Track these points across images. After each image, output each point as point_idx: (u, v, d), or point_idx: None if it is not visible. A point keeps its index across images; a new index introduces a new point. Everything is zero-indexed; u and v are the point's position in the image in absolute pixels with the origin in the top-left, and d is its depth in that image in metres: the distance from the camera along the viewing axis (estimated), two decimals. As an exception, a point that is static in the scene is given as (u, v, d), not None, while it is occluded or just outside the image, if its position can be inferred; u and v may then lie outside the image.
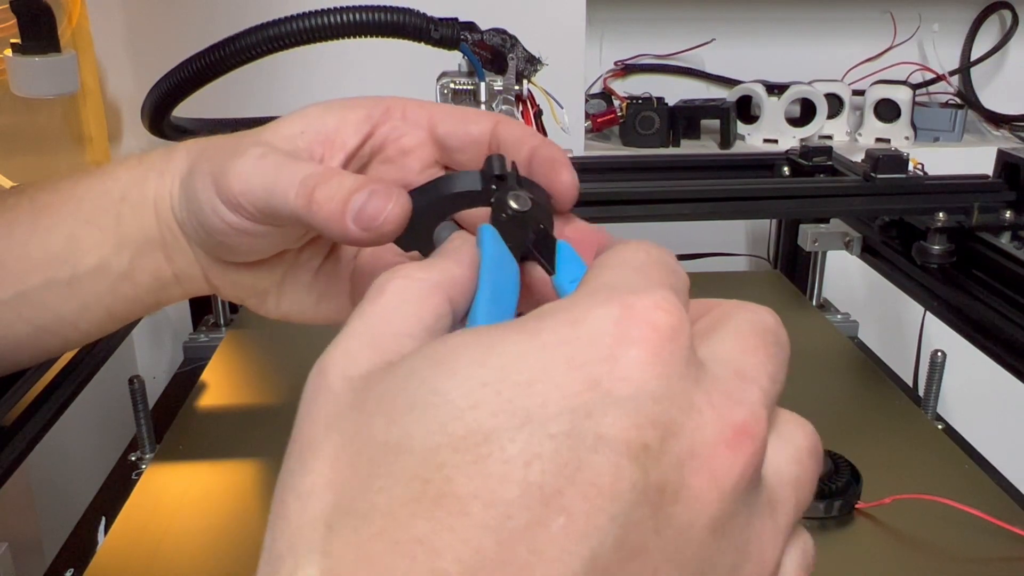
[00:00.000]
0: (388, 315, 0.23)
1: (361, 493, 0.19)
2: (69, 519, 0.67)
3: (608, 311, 0.20)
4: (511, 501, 0.18)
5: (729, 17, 1.36)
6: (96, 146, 1.00)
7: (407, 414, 0.19)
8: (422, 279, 0.24)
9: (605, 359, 0.19)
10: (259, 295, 0.39)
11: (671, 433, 0.19)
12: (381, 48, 0.68)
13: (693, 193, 0.83)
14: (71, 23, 0.94)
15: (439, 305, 0.23)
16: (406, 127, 0.36)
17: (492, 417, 0.19)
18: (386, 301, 0.23)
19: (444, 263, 0.25)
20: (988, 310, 0.72)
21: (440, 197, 0.31)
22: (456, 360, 0.20)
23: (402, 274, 0.24)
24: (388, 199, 0.30)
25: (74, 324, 0.39)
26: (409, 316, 0.23)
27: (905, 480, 0.63)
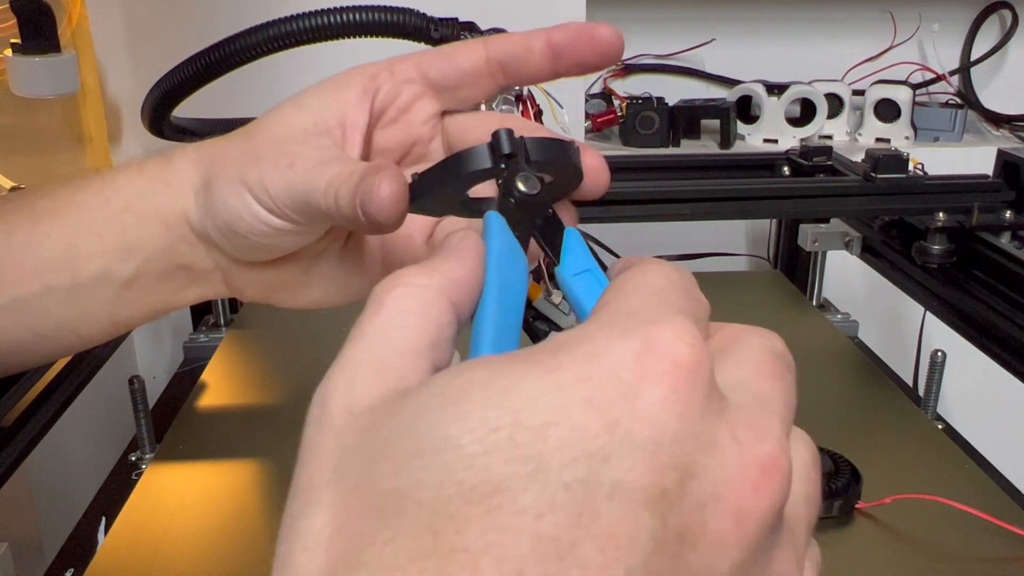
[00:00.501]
0: (389, 333, 0.22)
1: (369, 545, 0.18)
2: (69, 519, 0.67)
3: (628, 344, 0.19)
4: (523, 556, 0.17)
5: (729, 17, 1.36)
6: (96, 146, 1.00)
7: (415, 459, 0.18)
8: (423, 286, 0.23)
9: (625, 397, 0.18)
10: (288, 289, 0.39)
11: (691, 475, 0.18)
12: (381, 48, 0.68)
13: (693, 193, 0.83)
14: (71, 23, 0.94)
15: (442, 314, 0.22)
16: (398, 85, 0.36)
17: (504, 465, 0.18)
18: (386, 317, 0.22)
19: (446, 264, 0.24)
20: (988, 310, 0.72)
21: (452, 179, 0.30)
22: (468, 401, 0.19)
23: (402, 282, 0.22)
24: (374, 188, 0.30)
25: (74, 330, 0.39)
26: (411, 330, 0.22)
27: (905, 480, 0.63)
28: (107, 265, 0.37)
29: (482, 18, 0.68)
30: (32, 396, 0.61)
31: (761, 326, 0.24)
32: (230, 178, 0.35)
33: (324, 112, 0.35)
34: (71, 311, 0.38)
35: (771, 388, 0.21)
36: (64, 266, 0.37)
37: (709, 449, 0.19)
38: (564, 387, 0.18)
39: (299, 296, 0.40)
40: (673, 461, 0.18)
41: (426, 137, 0.38)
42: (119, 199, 0.37)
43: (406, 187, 0.31)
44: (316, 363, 0.73)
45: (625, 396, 0.18)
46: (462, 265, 0.24)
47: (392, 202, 0.30)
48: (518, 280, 0.25)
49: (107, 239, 0.37)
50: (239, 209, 0.35)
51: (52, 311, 0.38)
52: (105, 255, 0.37)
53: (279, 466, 0.69)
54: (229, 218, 0.35)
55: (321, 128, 0.35)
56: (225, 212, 0.35)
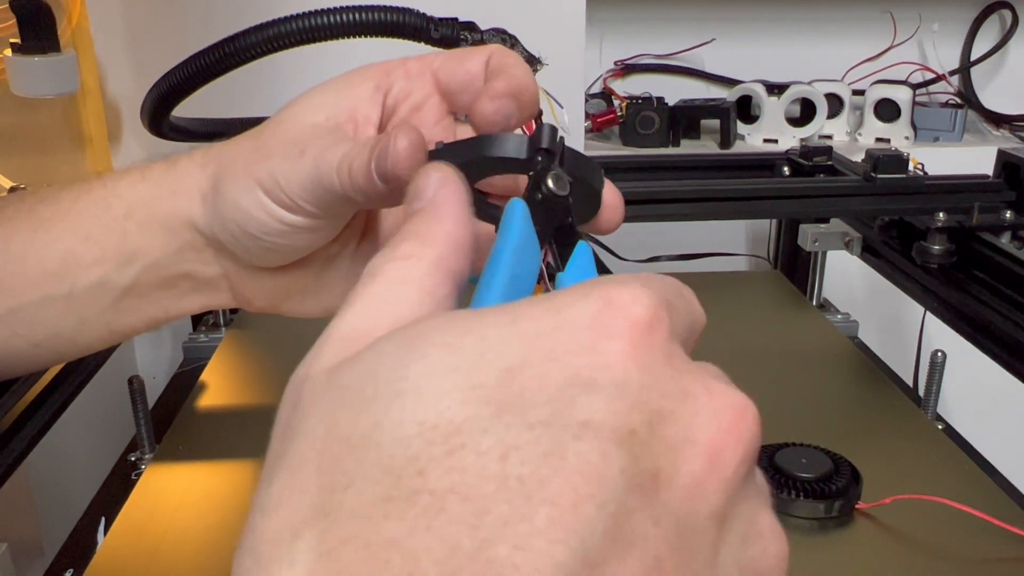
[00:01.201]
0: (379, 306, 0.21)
1: (328, 494, 0.17)
2: (69, 519, 0.67)
3: (588, 304, 0.19)
4: (488, 495, 0.16)
5: (729, 17, 1.36)
6: (96, 146, 1.00)
7: (373, 402, 0.18)
8: (420, 257, 0.22)
9: (585, 350, 0.19)
10: (298, 296, 0.39)
11: (660, 419, 0.18)
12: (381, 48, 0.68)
13: (693, 193, 0.83)
14: (71, 23, 0.94)
15: (440, 285, 0.22)
16: (411, 84, 0.36)
17: (464, 406, 0.17)
18: (377, 288, 0.22)
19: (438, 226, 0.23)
20: (988, 310, 0.72)
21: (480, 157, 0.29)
22: (426, 341, 0.19)
23: (398, 254, 0.22)
24: (390, 142, 0.30)
25: (71, 339, 0.39)
26: (404, 303, 0.21)
27: (905, 480, 0.63)
28: (106, 273, 0.37)
29: (482, 18, 0.68)
30: (32, 396, 0.61)
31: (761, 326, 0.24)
32: (240, 178, 0.34)
33: (335, 108, 0.35)
34: (68, 320, 0.38)
35: None
36: (62, 275, 0.37)
37: (678, 397, 0.19)
38: (527, 337, 0.19)
39: (310, 304, 0.39)
40: (640, 406, 0.18)
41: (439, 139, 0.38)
42: (120, 205, 0.37)
43: (423, 141, 0.30)
44: (316, 363, 0.70)
45: (586, 349, 0.19)
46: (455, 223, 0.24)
47: (409, 153, 0.30)
48: (529, 274, 0.25)
49: (106, 247, 0.37)
50: (251, 208, 0.34)
51: (49, 321, 0.38)
52: (104, 263, 0.37)
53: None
54: (241, 219, 0.34)
55: (332, 123, 0.35)
56: (237, 213, 0.34)
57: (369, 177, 0.31)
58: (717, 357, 0.21)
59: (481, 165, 0.29)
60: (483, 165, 0.29)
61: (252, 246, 0.35)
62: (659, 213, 0.81)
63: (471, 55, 0.35)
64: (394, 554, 0.16)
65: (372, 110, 0.35)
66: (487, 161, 0.29)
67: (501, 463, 0.17)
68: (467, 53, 0.36)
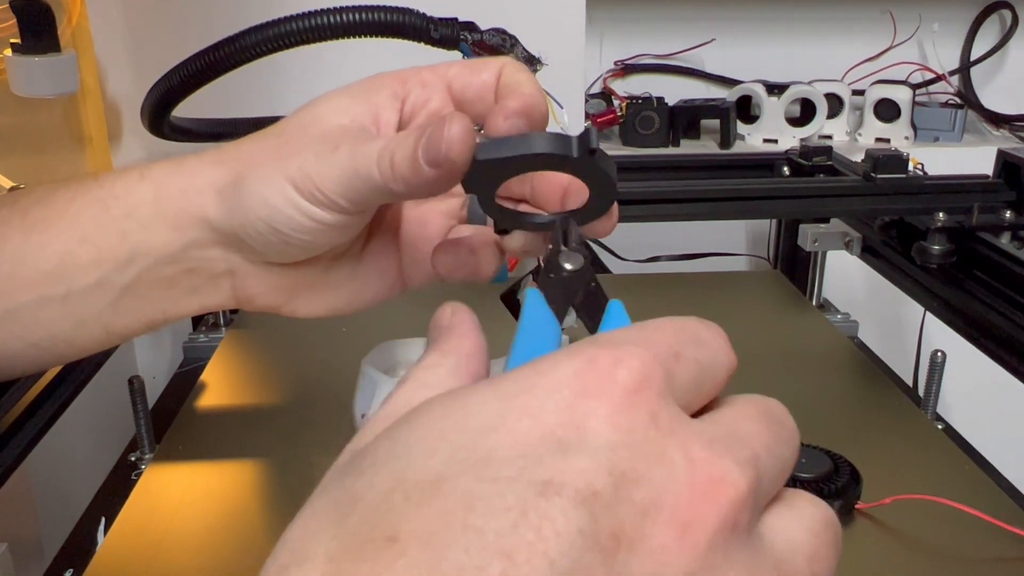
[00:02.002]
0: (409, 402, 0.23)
1: (315, 538, 0.19)
2: (69, 519, 0.67)
3: (571, 364, 0.20)
4: (448, 543, 0.18)
5: (729, 17, 1.36)
6: (96, 146, 1.00)
7: (371, 467, 0.20)
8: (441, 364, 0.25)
9: (563, 410, 0.19)
10: (302, 294, 0.39)
11: (629, 481, 0.19)
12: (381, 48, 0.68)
13: (693, 193, 0.83)
14: (71, 23, 0.94)
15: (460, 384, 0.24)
16: (427, 91, 0.37)
17: (444, 465, 0.19)
18: (407, 387, 0.24)
19: (451, 341, 0.25)
20: (988, 310, 0.72)
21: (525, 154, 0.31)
22: (424, 416, 0.21)
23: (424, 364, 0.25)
24: (443, 127, 0.30)
25: (69, 341, 0.39)
26: None
27: (905, 480, 0.63)
28: (104, 274, 0.37)
29: (482, 18, 0.68)
30: (32, 396, 0.61)
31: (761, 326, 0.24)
32: (268, 173, 0.34)
33: (358, 111, 0.36)
34: (66, 321, 0.38)
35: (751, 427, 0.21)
36: (59, 276, 0.37)
37: (654, 461, 0.19)
38: (507, 397, 0.20)
39: (314, 302, 0.39)
40: (608, 467, 0.19)
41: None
42: (119, 206, 0.37)
43: (472, 126, 0.31)
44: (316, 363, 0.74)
45: (563, 409, 0.19)
46: (469, 337, 0.26)
47: (462, 138, 0.30)
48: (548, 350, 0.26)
49: (103, 248, 0.37)
50: (280, 204, 0.34)
51: (46, 322, 0.38)
52: (102, 264, 0.37)
53: (279, 466, 0.69)
54: (268, 215, 0.34)
55: (358, 125, 0.35)
56: (264, 209, 0.34)
57: (415, 165, 0.31)
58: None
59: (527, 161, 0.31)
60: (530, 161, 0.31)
61: (276, 241, 0.35)
62: (659, 213, 0.81)
63: (484, 67, 0.36)
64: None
65: (392, 116, 0.36)
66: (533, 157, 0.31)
67: (464, 514, 0.18)
68: (480, 64, 0.36)
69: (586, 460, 0.18)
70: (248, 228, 0.35)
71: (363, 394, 0.71)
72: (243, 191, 0.35)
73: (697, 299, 0.94)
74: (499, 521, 0.18)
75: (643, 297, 0.92)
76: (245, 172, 0.35)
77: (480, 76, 0.36)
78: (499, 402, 0.20)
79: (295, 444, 0.71)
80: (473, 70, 0.36)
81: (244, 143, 0.36)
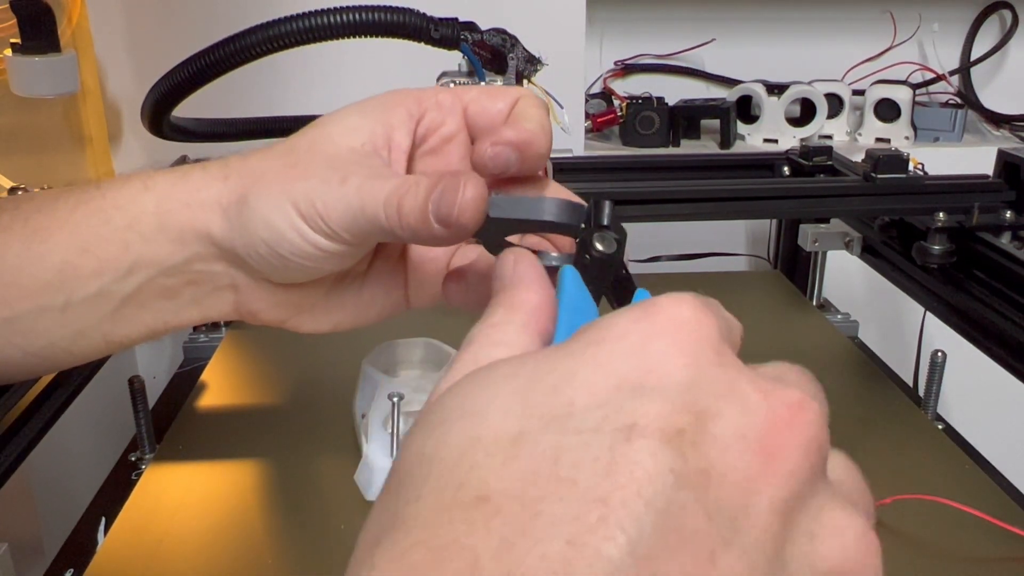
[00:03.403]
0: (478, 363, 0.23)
1: (402, 505, 0.19)
2: (69, 519, 0.67)
3: (631, 313, 0.21)
4: (542, 497, 0.18)
5: (729, 17, 1.36)
6: (96, 146, 1.00)
7: (441, 426, 0.20)
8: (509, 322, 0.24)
9: (631, 354, 0.20)
10: (307, 311, 0.38)
11: (710, 416, 0.19)
12: (381, 48, 0.68)
13: (693, 193, 0.83)
14: (71, 23, 0.94)
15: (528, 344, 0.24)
16: (442, 115, 0.36)
17: (522, 421, 0.19)
18: (474, 349, 0.24)
19: (521, 295, 0.25)
20: (988, 310, 0.72)
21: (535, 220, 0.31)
22: (491, 375, 0.21)
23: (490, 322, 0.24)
24: (458, 189, 0.30)
25: (67, 349, 0.38)
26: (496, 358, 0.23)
27: (905, 480, 0.63)
28: (104, 285, 0.36)
29: (482, 18, 0.68)
30: (32, 396, 0.61)
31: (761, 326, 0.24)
32: (273, 196, 0.33)
33: (372, 133, 0.35)
34: (65, 331, 0.37)
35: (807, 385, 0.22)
36: (59, 286, 0.36)
37: (728, 396, 0.20)
38: (575, 353, 0.20)
39: (318, 320, 0.39)
40: (686, 406, 0.19)
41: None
42: (121, 217, 0.36)
43: (486, 190, 0.30)
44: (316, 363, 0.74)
45: (631, 354, 0.20)
46: (534, 290, 0.26)
47: (475, 205, 0.30)
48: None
49: (104, 260, 0.36)
50: (284, 230, 0.33)
51: (44, 331, 0.37)
52: (102, 275, 0.36)
53: (279, 466, 0.69)
54: (270, 237, 0.33)
55: (369, 148, 0.34)
56: (267, 231, 0.33)
57: (424, 219, 0.30)
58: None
59: (537, 225, 0.31)
60: (534, 225, 0.31)
61: (278, 264, 0.34)
62: (659, 213, 0.81)
63: (501, 95, 0.36)
64: (455, 552, 0.18)
65: (404, 138, 0.35)
66: (542, 223, 0.31)
67: (553, 467, 0.18)
68: (498, 92, 0.36)
69: (665, 402, 0.19)
70: (250, 249, 0.34)
71: (363, 394, 0.71)
72: (247, 211, 0.34)
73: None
74: (590, 470, 0.18)
75: (643, 297, 0.91)
76: (250, 191, 0.34)
77: (496, 104, 0.35)
78: (568, 359, 0.20)
79: (295, 444, 0.71)
80: (491, 97, 0.36)
81: (252, 158, 0.35)
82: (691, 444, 0.19)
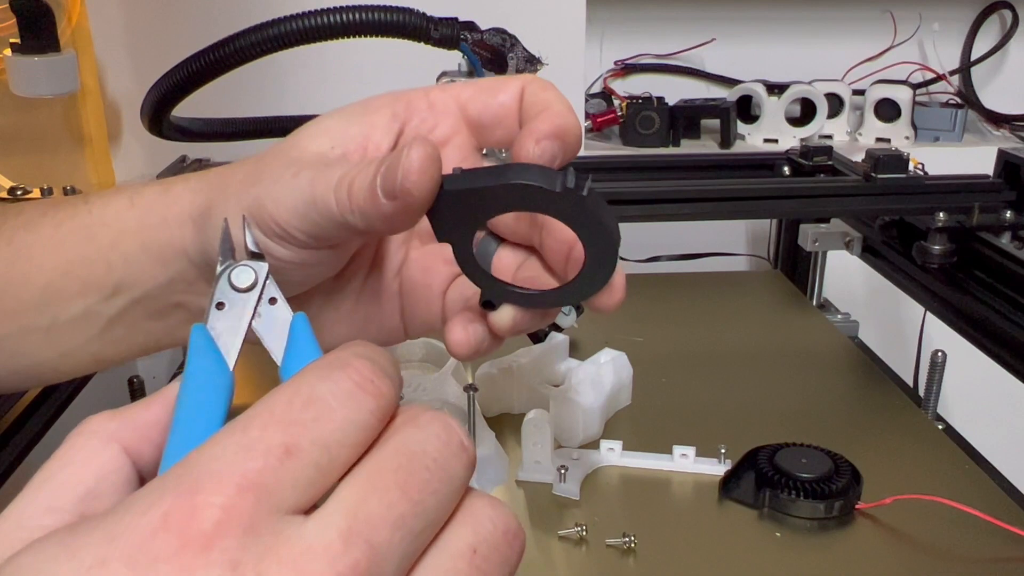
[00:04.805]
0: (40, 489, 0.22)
1: None
2: (69, 519, 0.67)
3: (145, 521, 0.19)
4: None
5: (729, 17, 1.36)
6: (96, 146, 1.00)
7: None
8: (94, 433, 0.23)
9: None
10: None
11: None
12: (381, 48, 0.68)
13: (693, 193, 0.83)
14: (71, 23, 0.94)
15: (108, 462, 0.22)
16: (435, 117, 0.34)
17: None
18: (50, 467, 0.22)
19: (134, 410, 0.24)
20: (988, 310, 0.72)
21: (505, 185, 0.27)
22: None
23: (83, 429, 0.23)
24: (408, 152, 0.27)
25: (55, 368, 0.37)
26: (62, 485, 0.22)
27: (905, 480, 0.63)
28: (90, 305, 0.35)
29: (482, 18, 0.68)
30: (32, 396, 0.61)
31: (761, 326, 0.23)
32: (230, 205, 0.32)
33: (343, 136, 0.33)
34: (50, 351, 0.36)
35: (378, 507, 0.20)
36: (43, 308, 0.35)
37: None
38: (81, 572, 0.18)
39: None
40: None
41: None
42: (106, 234, 0.35)
43: (439, 155, 0.28)
44: (316, 363, 0.70)
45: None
46: (150, 407, 0.24)
47: (421, 166, 0.27)
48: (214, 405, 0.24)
49: (88, 281, 0.35)
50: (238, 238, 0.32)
51: (29, 352, 0.36)
52: (87, 296, 0.35)
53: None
54: None
55: (338, 152, 0.32)
56: None
57: (372, 195, 0.28)
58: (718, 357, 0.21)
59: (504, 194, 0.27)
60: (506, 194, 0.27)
61: None
62: (659, 213, 0.81)
63: (504, 86, 0.33)
64: None
65: (385, 138, 0.33)
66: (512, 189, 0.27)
67: None
68: (499, 84, 0.33)
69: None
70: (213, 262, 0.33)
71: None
72: (208, 222, 0.33)
73: (697, 299, 0.94)
74: None
75: (643, 297, 0.92)
76: (214, 202, 0.33)
77: (497, 98, 0.33)
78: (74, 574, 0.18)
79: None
80: (490, 91, 0.33)
81: (226, 169, 0.34)
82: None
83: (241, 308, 0.25)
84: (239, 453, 0.19)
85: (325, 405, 0.20)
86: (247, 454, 0.19)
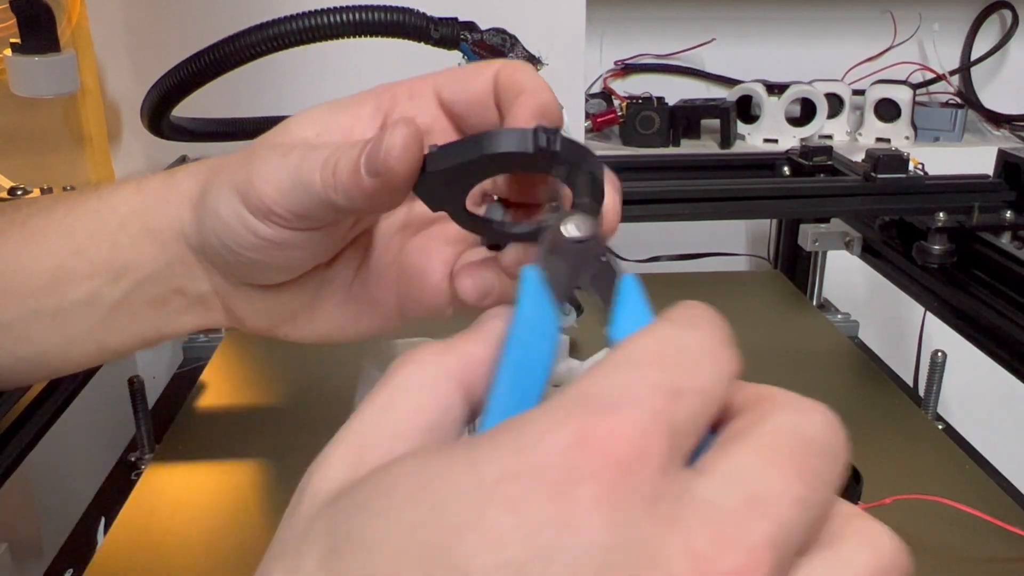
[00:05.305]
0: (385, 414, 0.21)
1: None
2: (69, 519, 0.67)
3: (561, 437, 0.17)
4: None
5: (729, 17, 1.36)
6: (96, 146, 1.00)
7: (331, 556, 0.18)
8: (432, 363, 0.22)
9: (549, 499, 0.17)
10: (290, 319, 0.37)
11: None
12: (381, 48, 0.68)
13: (693, 193, 0.83)
14: (71, 23, 0.94)
15: (447, 396, 0.21)
16: (416, 106, 0.34)
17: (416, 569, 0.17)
18: (387, 396, 0.21)
19: (463, 344, 0.22)
20: (988, 310, 0.72)
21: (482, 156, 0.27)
22: (391, 496, 0.18)
23: (415, 358, 0.22)
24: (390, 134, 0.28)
25: (61, 356, 0.37)
26: (406, 413, 0.21)
27: (905, 480, 0.63)
28: (96, 288, 0.36)
29: (482, 18, 0.68)
30: (32, 396, 0.61)
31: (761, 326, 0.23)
32: (224, 186, 0.33)
33: (328, 125, 0.34)
34: (56, 337, 0.37)
35: (777, 480, 0.18)
36: (51, 290, 0.36)
37: (651, 563, 0.16)
38: (485, 485, 0.17)
39: (304, 328, 0.38)
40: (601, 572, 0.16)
41: None
42: (114, 218, 0.36)
43: (421, 136, 0.28)
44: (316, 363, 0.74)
45: (550, 498, 0.17)
46: (480, 344, 0.22)
47: (404, 144, 0.28)
48: (543, 353, 0.22)
49: (96, 261, 0.35)
50: (230, 218, 0.32)
51: (36, 337, 0.37)
52: (94, 278, 0.36)
53: (279, 466, 0.69)
54: (220, 230, 0.33)
55: (322, 140, 0.33)
56: (217, 223, 0.33)
57: (356, 173, 0.29)
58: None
59: (484, 164, 0.28)
60: (486, 164, 0.28)
61: (233, 260, 0.34)
62: (659, 213, 0.81)
63: (476, 73, 0.33)
64: None
65: (369, 128, 0.34)
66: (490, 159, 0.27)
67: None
68: (471, 71, 0.33)
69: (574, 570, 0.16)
70: (206, 246, 0.34)
71: (363, 394, 0.71)
72: (203, 204, 0.34)
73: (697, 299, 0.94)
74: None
75: (643, 297, 0.91)
76: (209, 184, 0.34)
77: (469, 86, 0.33)
78: (476, 493, 0.17)
79: (295, 444, 0.71)
80: (463, 79, 0.33)
81: (223, 155, 0.35)
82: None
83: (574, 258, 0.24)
84: (643, 386, 0.18)
85: (695, 356, 0.19)
86: (653, 390, 0.18)
